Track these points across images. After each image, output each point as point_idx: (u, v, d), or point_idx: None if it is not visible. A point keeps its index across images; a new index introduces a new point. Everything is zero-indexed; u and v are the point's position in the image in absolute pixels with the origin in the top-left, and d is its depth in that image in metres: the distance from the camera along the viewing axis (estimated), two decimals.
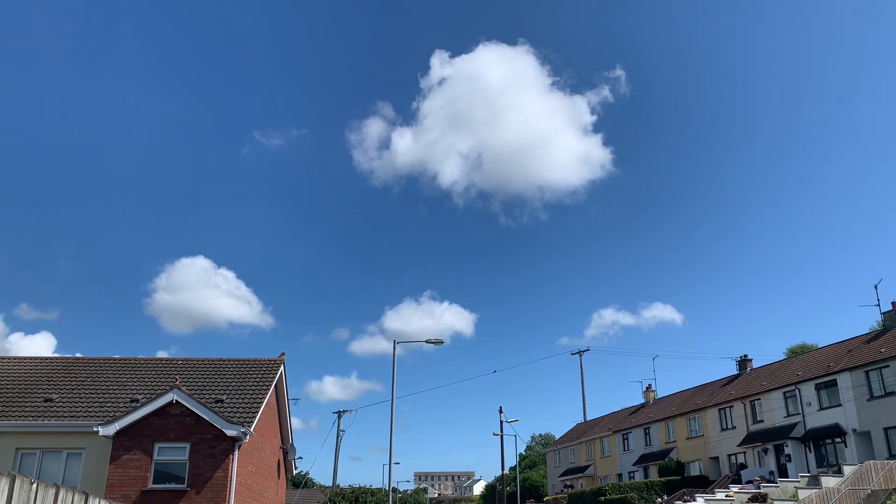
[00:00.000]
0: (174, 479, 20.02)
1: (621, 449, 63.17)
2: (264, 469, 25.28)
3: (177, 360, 26.42)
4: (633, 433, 62.17)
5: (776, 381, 47.95)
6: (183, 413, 20.51)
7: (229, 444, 20.46)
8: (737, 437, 48.78)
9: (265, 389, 23.93)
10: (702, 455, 52.33)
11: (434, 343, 32.22)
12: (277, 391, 27.18)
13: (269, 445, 26.11)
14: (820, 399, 43.22)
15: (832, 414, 42.05)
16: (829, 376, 42.72)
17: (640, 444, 60.65)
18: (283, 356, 26.97)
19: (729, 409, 50.86)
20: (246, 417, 21.69)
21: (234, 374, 25.17)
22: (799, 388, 44.72)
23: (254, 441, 22.68)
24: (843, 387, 41.50)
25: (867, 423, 39.86)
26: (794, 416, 44.70)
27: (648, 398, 67.34)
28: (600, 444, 66.97)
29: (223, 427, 20.31)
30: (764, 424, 46.98)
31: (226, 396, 23.02)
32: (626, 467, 61.02)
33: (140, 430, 20.23)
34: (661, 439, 57.84)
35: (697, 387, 61.03)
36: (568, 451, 74.18)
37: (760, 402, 47.91)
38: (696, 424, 54.09)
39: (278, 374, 25.75)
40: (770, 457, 45.16)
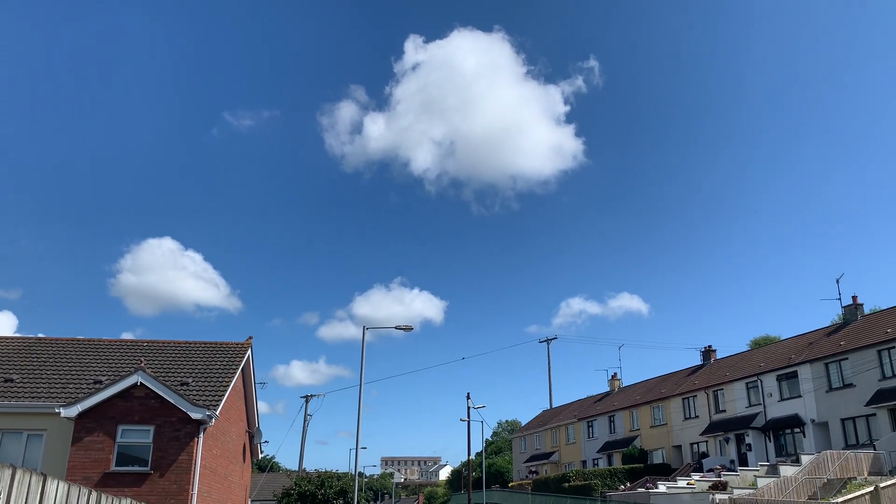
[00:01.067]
0: (137, 462, 19.84)
1: (586, 436, 63.95)
2: (229, 453, 25.16)
3: (142, 343, 26.12)
4: (597, 421, 62.95)
5: (739, 371, 48.84)
6: (147, 395, 20.31)
7: (194, 428, 20.31)
8: (699, 427, 49.65)
9: (232, 373, 23.77)
10: (665, 443, 53.19)
11: (404, 329, 32.25)
12: (244, 375, 27.02)
13: (234, 429, 25.98)
14: (781, 390, 44.13)
15: (792, 405, 42.99)
16: (790, 368, 43.64)
17: (604, 431, 61.45)
18: (251, 340, 26.80)
19: (692, 399, 51.73)
20: (212, 401, 21.54)
21: (201, 357, 24.96)
22: (761, 379, 45.61)
23: (219, 424, 22.55)
24: (804, 378, 42.43)
25: (825, 413, 40.83)
26: (756, 406, 45.60)
27: (614, 386, 68.18)
28: (565, 431, 67.72)
29: (188, 410, 20.15)
30: (726, 414, 47.87)
31: (192, 379, 22.83)
32: (591, 454, 61.82)
33: (103, 412, 19.99)
34: (625, 427, 58.65)
35: (662, 376, 61.95)
36: (534, 437, 74.91)
37: (723, 392, 48.78)
38: (659, 413, 54.92)
39: (245, 357, 25.58)
40: (731, 446, 46.07)
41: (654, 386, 60.06)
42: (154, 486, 19.54)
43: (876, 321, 42.37)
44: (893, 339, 37.75)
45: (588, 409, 66.66)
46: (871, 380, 38.34)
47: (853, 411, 39.11)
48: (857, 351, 39.53)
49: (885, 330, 39.40)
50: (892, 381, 37.30)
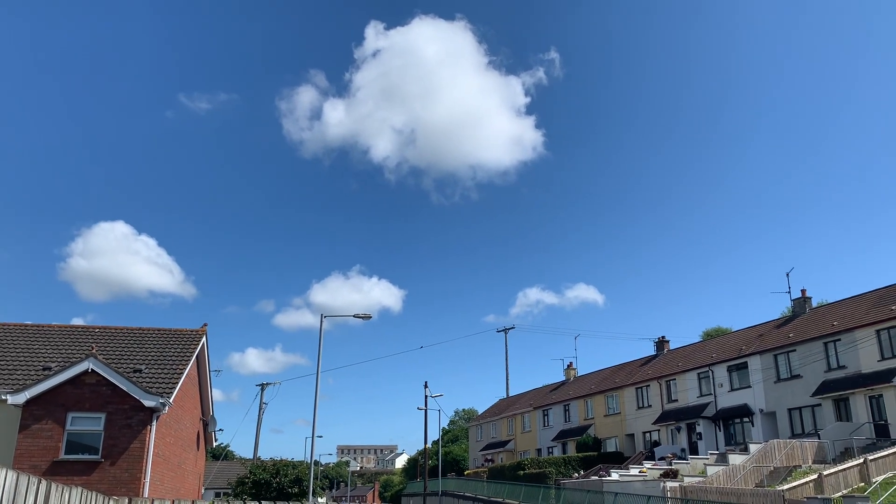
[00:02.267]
0: (88, 450, 19.46)
1: (541, 424, 64.66)
2: (183, 440, 24.82)
3: (94, 328, 25.56)
4: (553, 409, 63.69)
5: (691, 362, 49.85)
6: (99, 382, 19.90)
7: (147, 415, 19.98)
8: (652, 416, 50.58)
9: (186, 360, 23.43)
10: (618, 432, 54.08)
11: (362, 318, 32.14)
12: (199, 362, 26.65)
13: (188, 417, 25.63)
14: (731, 380, 45.18)
15: (742, 395, 44.05)
16: (741, 359, 44.69)
17: (559, 420, 62.20)
18: (206, 327, 26.44)
19: (646, 389, 52.65)
20: (165, 388, 21.21)
21: (154, 343, 24.54)
22: (712, 369, 46.63)
23: (173, 412, 22.22)
24: (753, 369, 43.49)
25: (773, 403, 41.94)
26: (707, 396, 46.61)
27: (569, 376, 69.00)
28: (521, 420, 68.37)
29: (141, 397, 19.81)
30: (678, 404, 48.86)
31: (145, 366, 22.44)
32: (546, 442, 62.55)
33: (53, 399, 19.54)
34: (580, 416, 59.45)
35: (617, 366, 62.90)
36: (490, 425, 75.47)
37: (676, 382, 49.75)
38: (613, 402, 55.79)
39: (200, 344, 25.23)
40: (683, 435, 47.05)
41: (608, 375, 60.96)
42: (105, 474, 19.19)
43: (823, 314, 43.61)
44: (839, 331, 38.91)
45: (544, 398, 67.37)
46: (818, 371, 39.48)
47: (800, 402, 40.25)
48: (805, 343, 40.65)
49: (831, 323, 40.57)
50: (837, 373, 38.46)
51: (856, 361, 37.67)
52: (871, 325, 37.32)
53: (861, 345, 37.51)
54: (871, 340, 37.14)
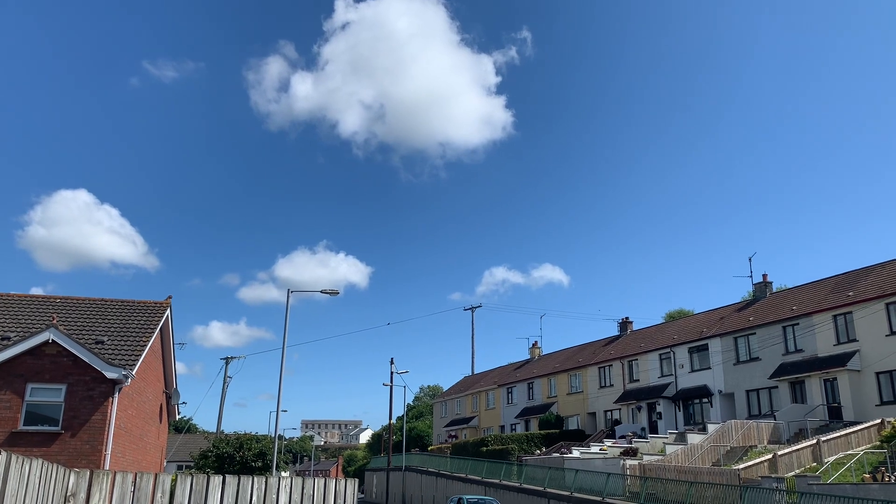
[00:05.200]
0: (48, 422, 19.20)
1: (505, 402, 65.34)
2: (145, 413, 24.63)
3: (54, 298, 25.11)
4: (517, 387, 64.36)
5: (653, 343, 50.67)
6: (60, 353, 19.60)
7: (109, 387, 19.77)
8: (614, 395, 51.40)
9: (150, 332, 23.16)
10: (580, 410, 54.89)
11: (329, 294, 32.04)
12: (163, 335, 26.37)
13: (151, 389, 25.41)
14: (692, 362, 46.06)
15: (702, 376, 44.95)
16: (702, 341, 45.54)
17: (523, 397, 62.90)
18: (170, 299, 26.13)
19: (608, 368, 53.43)
20: (128, 360, 20.97)
21: (118, 315, 24.20)
22: (674, 350, 47.47)
23: (135, 384, 22.00)
24: (714, 351, 44.37)
25: (732, 385, 42.89)
26: (668, 376, 47.48)
27: (534, 354, 69.68)
28: (486, 397, 69.00)
29: (103, 369, 19.57)
30: (640, 383, 49.70)
31: (107, 338, 22.14)
32: (509, 420, 63.26)
33: (11, 370, 19.21)
34: (543, 394, 60.17)
35: (580, 346, 63.68)
36: (454, 402, 76.05)
37: (638, 362, 50.57)
38: (577, 381, 56.55)
39: (164, 317, 24.95)
40: (643, 414, 47.94)
41: (572, 355, 61.71)
42: (65, 445, 18.98)
43: (783, 299, 44.56)
44: (798, 316, 39.83)
45: (508, 376, 68.02)
46: (776, 354, 40.42)
47: (758, 383, 41.21)
48: (764, 326, 41.55)
49: (790, 307, 41.50)
50: (794, 356, 39.41)
51: (812, 345, 38.63)
52: (829, 311, 38.26)
53: (818, 329, 38.46)
54: (827, 325, 38.09)
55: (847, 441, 30.21)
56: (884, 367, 34.95)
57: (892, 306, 35.37)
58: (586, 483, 31.59)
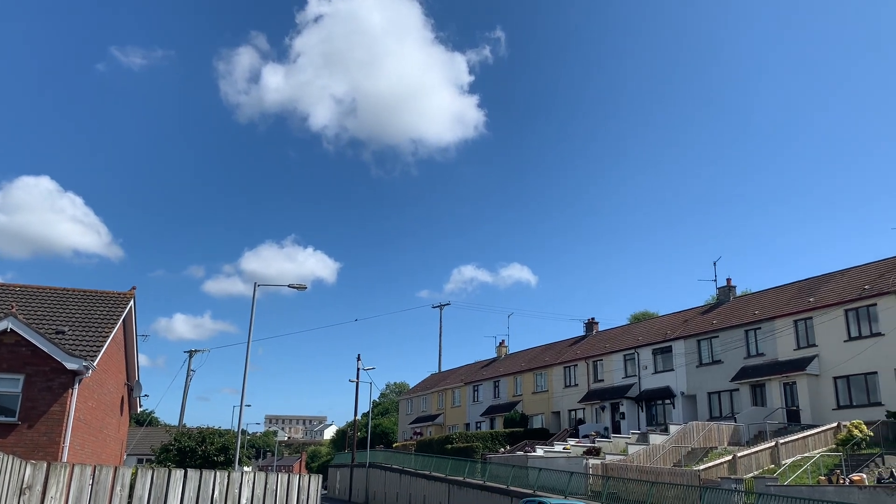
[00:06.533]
0: (4, 412, 18.77)
1: (471, 400, 65.53)
2: (106, 405, 24.23)
3: (13, 287, 24.56)
4: (483, 385, 64.58)
5: (618, 344, 51.19)
6: (18, 343, 19.17)
7: (69, 378, 19.39)
8: (578, 395, 51.83)
9: (112, 323, 22.78)
10: (545, 409, 55.26)
11: (297, 288, 31.79)
12: (125, 326, 25.96)
13: (112, 381, 25.01)
14: (656, 363, 46.63)
15: (665, 377, 45.53)
16: (666, 343, 46.13)
17: (489, 396, 63.14)
18: (134, 290, 25.74)
19: (574, 368, 53.86)
20: (89, 351, 20.60)
21: (79, 305, 23.76)
22: (638, 351, 48.01)
23: (96, 376, 21.63)
24: (677, 353, 44.97)
25: (694, 387, 43.50)
26: (632, 377, 48.01)
27: (501, 353, 69.98)
28: (452, 395, 69.12)
29: (63, 360, 19.19)
30: (604, 384, 50.19)
31: (68, 328, 21.72)
32: (475, 417, 63.46)
33: None
34: (508, 392, 60.46)
35: (546, 345, 64.10)
36: (420, 399, 76.07)
37: (603, 362, 51.05)
38: (542, 380, 56.91)
39: (127, 308, 24.56)
40: (607, 414, 48.41)
41: (538, 354, 62.09)
42: (22, 437, 18.58)
43: (746, 303, 45.31)
44: (760, 320, 40.53)
45: (475, 374, 68.22)
46: (738, 357, 41.08)
47: (719, 386, 41.85)
48: (727, 330, 42.21)
49: (753, 312, 42.21)
50: (755, 360, 40.10)
51: (773, 349, 39.34)
52: (790, 316, 38.99)
53: (779, 334, 39.17)
54: (788, 330, 38.82)
55: (804, 444, 30.83)
56: (841, 372, 35.72)
57: (850, 313, 36.16)
58: (549, 482, 31.82)
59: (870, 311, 35.32)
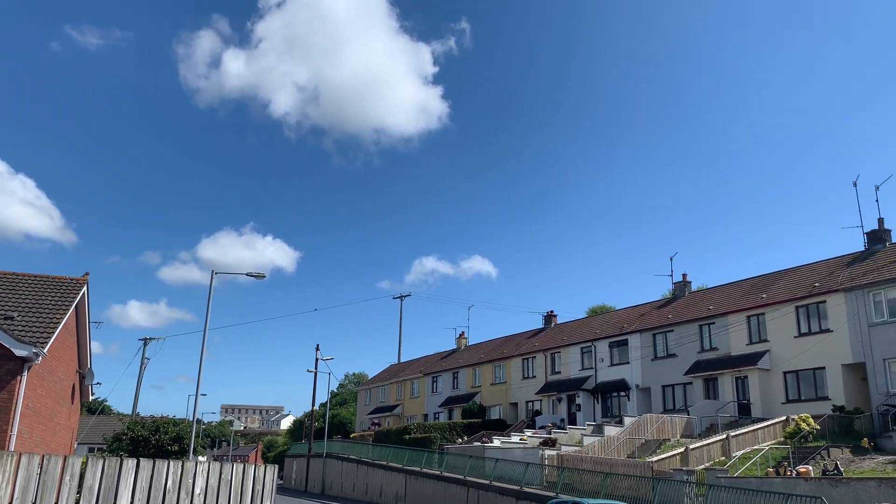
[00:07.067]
0: None
1: (430, 391, 65.67)
2: (56, 393, 23.69)
3: None
4: (442, 376, 64.76)
5: (576, 336, 51.77)
6: None
7: (18, 365, 18.90)
8: (536, 386, 52.31)
9: (64, 310, 22.25)
10: (503, 400, 55.66)
11: (255, 277, 31.42)
12: (78, 312, 25.39)
13: (63, 369, 24.46)
14: (612, 356, 47.27)
15: (621, 370, 46.20)
16: (622, 336, 46.79)
17: (448, 387, 63.35)
18: (87, 276, 25.17)
19: (532, 360, 54.32)
20: (40, 338, 20.09)
21: (30, 290, 23.15)
22: (595, 344, 48.61)
23: (47, 363, 21.12)
24: (633, 346, 45.64)
25: (649, 380, 44.22)
26: (588, 369, 48.61)
27: (460, 344, 70.22)
28: (410, 386, 69.19)
29: (12, 346, 18.69)
30: (561, 376, 50.72)
31: (17, 314, 21.15)
32: (433, 408, 63.64)
33: None
34: (467, 384, 60.74)
35: (506, 337, 64.51)
36: (379, 390, 75.98)
37: (560, 355, 51.57)
38: (500, 372, 57.29)
39: (81, 294, 24.00)
40: (563, 405, 48.97)
41: (497, 346, 62.46)
42: None
43: (701, 298, 46.16)
44: (714, 315, 41.33)
45: (434, 365, 68.36)
46: (691, 351, 41.86)
47: (673, 379, 42.61)
48: (682, 324, 42.96)
49: (707, 307, 43.02)
50: (709, 354, 40.90)
51: (726, 344, 40.17)
52: (743, 311, 39.84)
53: (732, 329, 40.00)
54: (741, 325, 39.66)
55: (754, 436, 31.58)
56: (791, 367, 36.64)
57: (801, 309, 37.08)
58: (506, 472, 32.09)
59: (819, 308, 36.27)
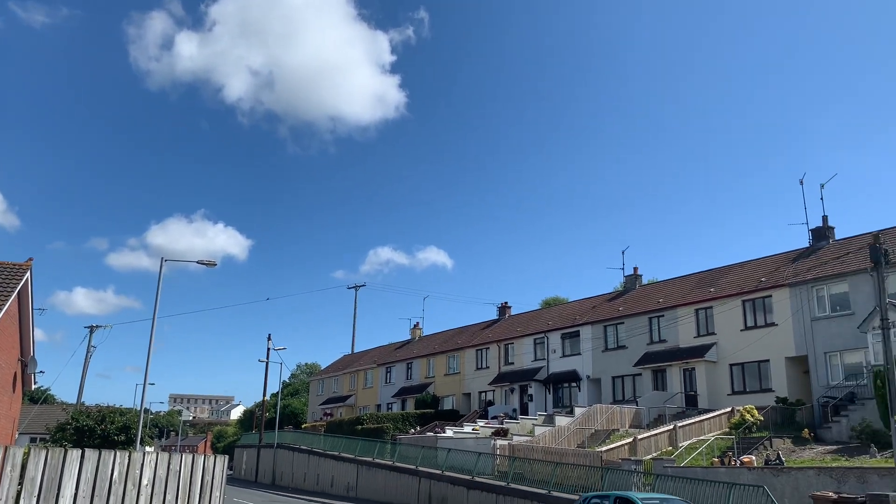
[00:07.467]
0: None
1: (383, 381, 65.61)
2: None
3: None
4: (396, 367, 64.75)
5: (529, 328, 52.25)
6: None
7: None
8: (489, 377, 52.67)
9: (6, 296, 21.58)
10: (456, 391, 55.92)
11: (206, 265, 30.91)
12: (21, 299, 24.64)
13: (5, 357, 23.74)
14: (564, 347, 47.85)
15: (572, 361, 46.80)
16: (574, 328, 47.38)
17: (401, 377, 63.37)
18: (31, 261, 24.44)
19: (486, 351, 54.66)
20: None
21: None
22: (548, 336, 49.14)
23: None
24: (584, 338, 46.27)
25: (599, 371, 44.90)
26: (541, 360, 49.13)
27: (415, 335, 70.25)
28: (364, 376, 69.01)
29: None
30: (514, 366, 51.17)
31: None
32: (386, 399, 63.60)
33: None
34: (421, 374, 60.85)
35: (460, 328, 64.79)
36: (332, 380, 75.61)
37: (514, 346, 52.01)
38: (454, 362, 57.52)
39: (23, 280, 23.29)
40: (516, 396, 49.43)
41: (451, 337, 62.67)
42: None
43: (651, 291, 47.00)
44: (663, 308, 42.13)
45: (388, 356, 68.29)
46: (641, 343, 42.61)
47: (623, 370, 43.34)
48: (632, 317, 43.69)
49: (657, 300, 43.83)
50: (657, 346, 41.69)
51: (675, 336, 40.99)
52: (691, 305, 40.69)
53: (681, 322, 40.83)
54: (689, 318, 40.51)
55: (700, 427, 32.33)
56: (737, 360, 37.58)
57: (747, 303, 38.03)
58: (458, 462, 32.26)
59: (765, 303, 37.25)
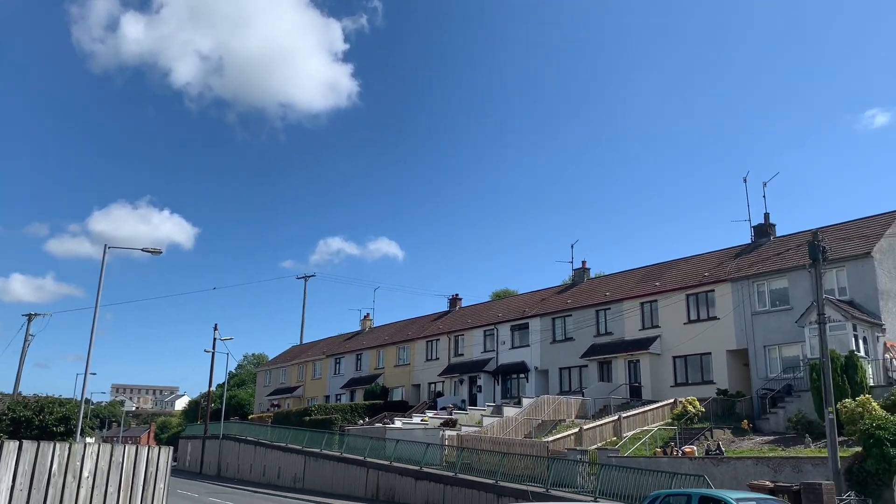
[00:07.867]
0: None
1: (332, 372, 65.25)
2: None
3: None
4: (345, 358, 64.46)
5: (479, 320, 52.60)
6: None
7: None
8: (439, 368, 52.86)
9: None
10: (406, 382, 55.99)
11: (151, 252, 30.34)
12: None
13: None
14: (513, 339, 48.31)
15: (521, 353, 47.28)
16: (523, 320, 47.87)
17: (350, 368, 63.12)
18: None
19: (436, 342, 54.82)
20: None
21: None
22: (497, 327, 49.53)
23: None
24: (533, 330, 46.79)
25: (547, 362, 45.48)
26: (490, 352, 49.51)
27: (365, 326, 70.01)
28: (312, 367, 68.53)
29: None
30: (464, 358, 51.45)
31: None
32: (335, 390, 63.29)
33: None
34: (371, 365, 60.71)
35: (411, 319, 64.81)
36: (280, 371, 74.89)
37: (464, 337, 52.29)
38: (404, 353, 57.55)
39: None
40: (465, 387, 49.74)
41: (402, 328, 62.67)
42: None
43: (599, 285, 47.75)
44: (610, 301, 42.85)
45: (337, 347, 67.93)
46: (588, 335, 43.28)
47: (570, 362, 43.96)
48: (580, 309, 44.33)
49: (604, 293, 44.55)
50: (604, 338, 42.41)
51: (621, 329, 41.74)
52: (637, 298, 41.48)
53: (627, 315, 41.60)
54: (635, 311, 41.30)
55: (644, 418, 33.06)
56: (680, 352, 38.48)
57: (691, 297, 38.93)
58: (406, 453, 32.37)
59: (707, 297, 38.19)
